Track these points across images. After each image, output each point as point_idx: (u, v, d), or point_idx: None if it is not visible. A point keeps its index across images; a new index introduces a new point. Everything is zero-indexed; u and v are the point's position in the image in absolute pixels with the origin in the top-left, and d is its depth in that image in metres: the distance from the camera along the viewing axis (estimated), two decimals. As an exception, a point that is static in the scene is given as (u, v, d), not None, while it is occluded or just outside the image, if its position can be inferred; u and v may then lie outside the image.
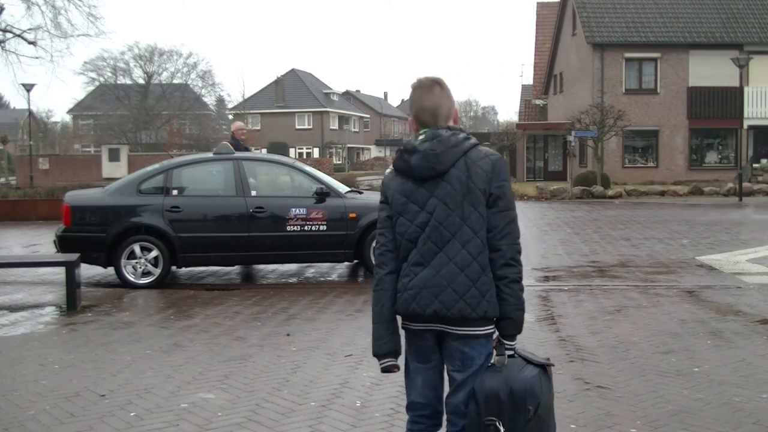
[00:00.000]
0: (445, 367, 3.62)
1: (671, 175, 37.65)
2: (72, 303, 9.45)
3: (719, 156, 39.89)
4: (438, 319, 3.49)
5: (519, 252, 3.62)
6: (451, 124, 3.68)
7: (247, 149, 14.29)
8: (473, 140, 3.60)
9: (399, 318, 3.58)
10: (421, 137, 3.61)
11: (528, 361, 3.61)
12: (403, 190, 3.57)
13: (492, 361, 3.54)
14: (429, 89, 3.73)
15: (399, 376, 6.29)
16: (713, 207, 26.00)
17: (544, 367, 3.65)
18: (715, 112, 38.24)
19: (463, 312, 3.45)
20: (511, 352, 3.58)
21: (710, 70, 37.60)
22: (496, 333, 3.57)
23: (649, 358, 6.93)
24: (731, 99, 35.88)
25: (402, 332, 3.62)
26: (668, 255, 14.04)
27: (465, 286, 3.46)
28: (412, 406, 3.70)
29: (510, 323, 3.58)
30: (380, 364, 3.65)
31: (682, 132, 38.92)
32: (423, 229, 3.50)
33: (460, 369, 3.53)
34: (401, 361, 3.64)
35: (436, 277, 3.47)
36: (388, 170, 3.73)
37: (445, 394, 3.65)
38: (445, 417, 3.65)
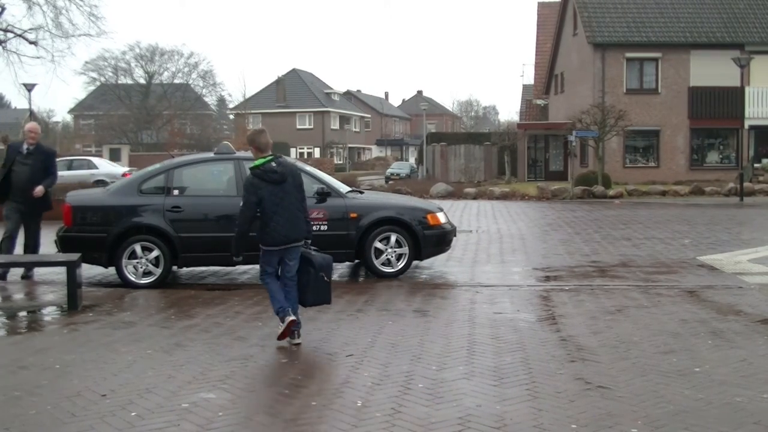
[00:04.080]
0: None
1: (672, 175, 37.64)
2: (73, 303, 9.44)
3: (720, 156, 39.88)
4: (291, 241, 7.54)
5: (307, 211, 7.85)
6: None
7: None
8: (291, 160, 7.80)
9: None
10: (272, 162, 7.54)
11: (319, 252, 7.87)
12: (270, 188, 7.45)
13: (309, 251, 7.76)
14: (266, 133, 7.78)
15: (400, 377, 6.31)
16: (714, 207, 26.00)
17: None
18: (716, 112, 38.23)
19: (300, 236, 7.65)
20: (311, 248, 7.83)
21: (711, 70, 37.59)
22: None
23: (650, 358, 6.93)
24: (732, 99, 35.86)
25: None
26: (669, 255, 14.04)
27: (300, 226, 7.65)
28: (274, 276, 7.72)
29: (308, 235, 7.80)
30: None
31: (683, 132, 38.92)
32: (281, 204, 7.47)
33: (295, 258, 7.67)
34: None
35: (292, 225, 7.53)
36: (253, 178, 7.49)
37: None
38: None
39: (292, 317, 7.44)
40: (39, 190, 11.54)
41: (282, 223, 7.44)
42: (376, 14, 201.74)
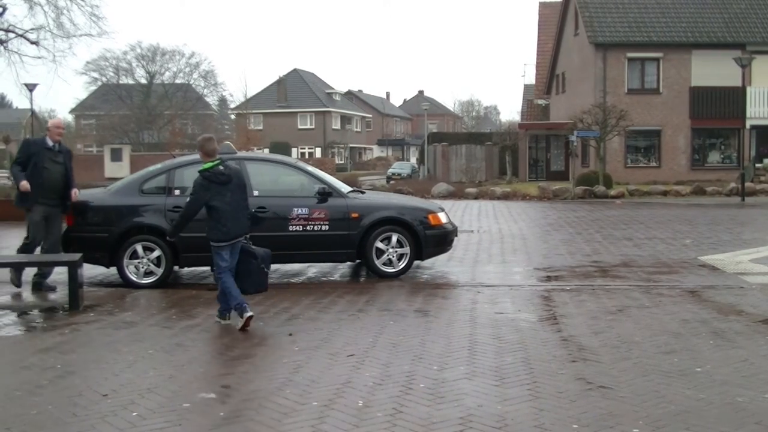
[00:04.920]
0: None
1: (673, 175, 37.64)
2: (74, 303, 9.45)
3: (722, 156, 39.86)
4: (237, 236, 8.37)
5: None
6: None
7: None
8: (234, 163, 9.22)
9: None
10: (219, 166, 8.39)
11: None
12: (217, 189, 8.31)
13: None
14: (213, 140, 8.56)
15: (401, 377, 6.31)
16: (716, 207, 25.99)
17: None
18: (717, 112, 38.21)
19: (243, 231, 8.50)
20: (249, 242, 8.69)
21: (713, 70, 37.58)
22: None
23: (651, 358, 6.93)
24: (734, 99, 35.82)
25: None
26: (671, 255, 14.04)
27: (245, 222, 8.53)
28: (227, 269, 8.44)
29: (248, 231, 8.66)
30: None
31: (685, 132, 38.90)
32: (229, 203, 8.31)
33: (236, 252, 8.48)
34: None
35: (236, 221, 8.36)
36: (202, 180, 8.32)
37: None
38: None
39: (250, 313, 8.14)
40: (76, 192, 10.98)
41: (229, 219, 8.31)
42: (377, 14, 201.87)
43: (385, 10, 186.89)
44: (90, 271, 11.60)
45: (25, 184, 10.52)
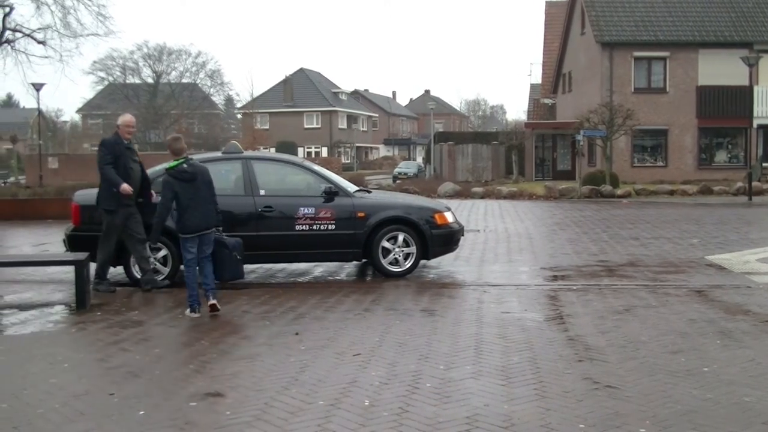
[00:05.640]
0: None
1: (680, 175, 37.55)
2: (81, 302, 9.48)
3: (728, 155, 39.77)
4: (204, 228, 8.93)
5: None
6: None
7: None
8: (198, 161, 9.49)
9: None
10: (183, 164, 8.91)
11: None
12: (183, 186, 8.84)
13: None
14: (181, 140, 9.23)
15: (408, 377, 6.31)
16: (723, 206, 25.93)
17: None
18: (724, 111, 38.10)
19: (211, 224, 9.02)
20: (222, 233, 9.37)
21: (719, 69, 37.49)
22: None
23: (658, 358, 6.92)
24: (741, 98, 35.73)
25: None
26: (677, 254, 14.01)
27: (211, 216, 9.01)
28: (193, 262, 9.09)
29: (218, 224, 9.24)
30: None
31: (692, 131, 38.82)
32: (194, 198, 8.85)
33: (209, 243, 9.09)
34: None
35: (202, 214, 8.91)
36: (168, 177, 8.92)
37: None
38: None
39: (196, 315, 8.89)
40: (154, 193, 10.67)
41: (195, 213, 8.91)
42: (383, 13, 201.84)
43: (392, 10, 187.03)
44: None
45: (127, 188, 10.27)
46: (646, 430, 5.17)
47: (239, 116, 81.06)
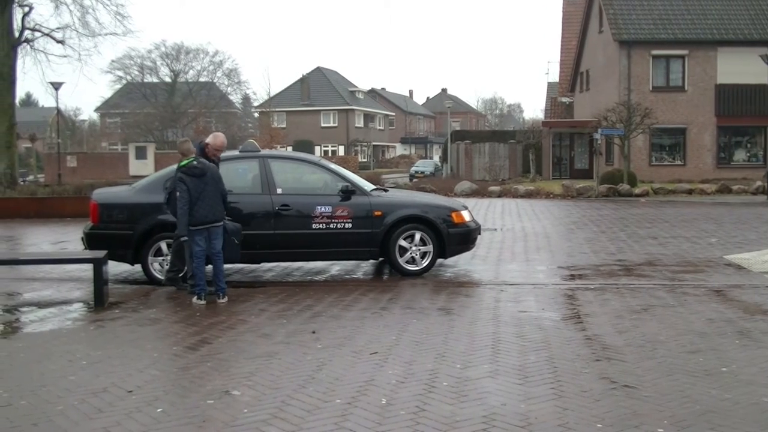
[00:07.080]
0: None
1: (699, 174, 37.34)
2: (99, 299, 9.54)
3: (747, 154, 39.50)
4: (211, 221, 9.58)
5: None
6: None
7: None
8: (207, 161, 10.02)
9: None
10: (194, 162, 9.61)
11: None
12: (193, 181, 9.47)
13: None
14: (189, 142, 10.20)
15: (425, 376, 6.31)
16: (741, 205, 25.76)
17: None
18: (743, 110, 37.87)
19: (219, 218, 9.70)
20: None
21: (738, 68, 37.22)
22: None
23: (676, 358, 6.89)
24: (760, 96, 35.51)
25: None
26: (696, 254, 13.93)
27: (220, 210, 9.71)
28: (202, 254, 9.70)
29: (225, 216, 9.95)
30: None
31: (710, 130, 38.58)
32: (203, 192, 9.51)
33: (218, 237, 9.70)
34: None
35: (211, 208, 9.55)
36: (180, 174, 9.52)
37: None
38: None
39: (202, 302, 9.51)
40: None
41: (204, 207, 9.54)
42: (400, 12, 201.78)
43: (409, 8, 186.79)
44: (115, 268, 11.67)
45: None
46: (663, 430, 5.14)
47: (256, 115, 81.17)
